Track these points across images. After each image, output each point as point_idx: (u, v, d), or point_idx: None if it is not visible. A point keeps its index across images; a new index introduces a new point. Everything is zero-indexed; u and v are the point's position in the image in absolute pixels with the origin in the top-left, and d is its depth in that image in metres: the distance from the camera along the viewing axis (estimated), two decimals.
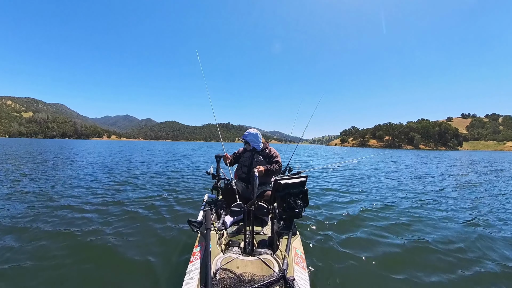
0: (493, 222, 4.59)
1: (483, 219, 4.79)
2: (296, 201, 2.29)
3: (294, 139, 6.99)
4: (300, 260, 2.02)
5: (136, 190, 6.50)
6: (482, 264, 3.04)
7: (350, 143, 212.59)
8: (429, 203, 5.97)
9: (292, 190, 2.33)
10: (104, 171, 10.04)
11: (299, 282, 1.69)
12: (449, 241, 3.71)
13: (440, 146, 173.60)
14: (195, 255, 2.00)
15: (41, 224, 3.88)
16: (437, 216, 4.90)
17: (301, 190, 2.37)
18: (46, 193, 5.87)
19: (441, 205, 5.84)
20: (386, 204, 5.73)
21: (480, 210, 5.43)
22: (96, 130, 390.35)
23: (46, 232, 3.57)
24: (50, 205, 4.92)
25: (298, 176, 2.42)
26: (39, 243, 3.23)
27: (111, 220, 4.14)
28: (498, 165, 19.43)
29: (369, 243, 3.58)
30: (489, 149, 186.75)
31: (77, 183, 7.23)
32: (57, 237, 3.43)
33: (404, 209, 5.37)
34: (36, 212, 4.43)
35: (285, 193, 2.31)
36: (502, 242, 3.69)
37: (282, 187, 2.30)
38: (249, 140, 3.62)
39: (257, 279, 1.58)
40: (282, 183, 2.28)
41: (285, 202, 2.31)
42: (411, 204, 5.80)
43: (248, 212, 2.21)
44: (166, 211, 4.71)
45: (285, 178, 2.34)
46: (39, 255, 2.93)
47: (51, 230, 3.66)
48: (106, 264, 2.80)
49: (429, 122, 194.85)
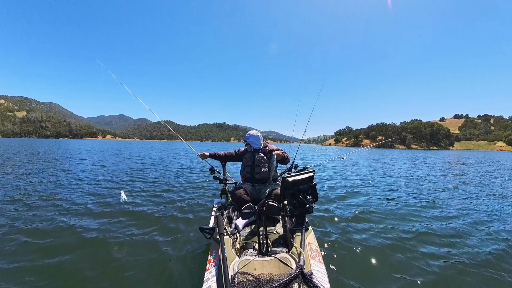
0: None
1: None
2: (305, 196, 2.34)
3: (290, 139, 7.02)
4: (316, 254, 2.05)
5: (137, 197, 6.04)
6: None
7: (344, 143, 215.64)
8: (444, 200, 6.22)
9: (300, 186, 2.37)
10: (107, 175, 9.60)
11: (317, 275, 1.72)
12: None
13: (432, 146, 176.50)
14: (210, 262, 1.99)
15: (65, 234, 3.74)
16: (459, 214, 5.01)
17: (310, 185, 2.42)
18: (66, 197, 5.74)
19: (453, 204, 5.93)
20: (395, 196, 6.15)
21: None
22: (91, 130, 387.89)
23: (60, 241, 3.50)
24: (58, 206, 5.01)
25: (305, 172, 2.48)
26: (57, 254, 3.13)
27: (116, 234, 3.83)
28: (478, 163, 20.79)
29: (380, 233, 3.77)
30: (480, 148, 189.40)
31: (80, 185, 7.09)
32: (77, 246, 3.34)
33: (409, 202, 5.72)
34: (70, 223, 4.15)
35: (294, 190, 2.35)
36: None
37: (290, 185, 2.33)
38: (251, 142, 3.66)
39: (276, 278, 1.58)
40: (290, 180, 2.31)
41: (295, 199, 2.34)
42: (414, 199, 6.12)
43: (259, 213, 2.22)
44: (176, 219, 4.49)
45: (292, 175, 2.39)
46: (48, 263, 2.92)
47: (68, 241, 3.54)
48: (118, 277, 2.70)
49: (421, 123, 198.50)
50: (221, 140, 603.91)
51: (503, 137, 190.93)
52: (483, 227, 4.28)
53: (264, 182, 3.48)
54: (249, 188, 3.29)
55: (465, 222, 4.49)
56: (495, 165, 20.18)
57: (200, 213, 4.87)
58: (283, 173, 4.41)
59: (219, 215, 2.50)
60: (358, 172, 10.93)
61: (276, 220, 2.84)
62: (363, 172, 11.09)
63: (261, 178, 3.48)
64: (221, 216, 2.50)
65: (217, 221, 2.34)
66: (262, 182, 3.49)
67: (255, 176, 3.50)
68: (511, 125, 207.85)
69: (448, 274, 2.79)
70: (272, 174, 3.49)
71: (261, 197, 3.17)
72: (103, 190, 6.62)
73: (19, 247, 3.27)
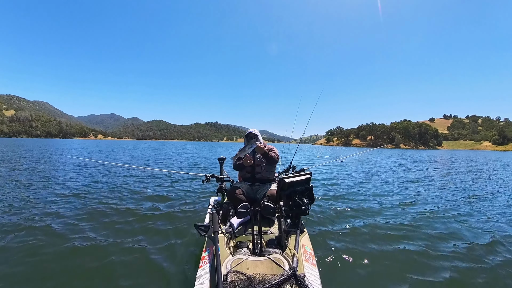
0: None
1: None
2: (302, 198, 2.32)
3: (283, 138, 7.69)
4: (309, 257, 2.04)
5: (137, 194, 6.23)
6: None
7: (335, 142, 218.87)
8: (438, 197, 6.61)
9: (297, 187, 2.36)
10: (103, 173, 9.71)
11: (310, 278, 1.71)
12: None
13: (420, 146, 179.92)
14: (204, 259, 2.00)
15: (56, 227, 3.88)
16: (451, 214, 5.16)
17: (306, 187, 2.41)
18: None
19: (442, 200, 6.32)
20: (390, 198, 6.25)
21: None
22: (82, 129, 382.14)
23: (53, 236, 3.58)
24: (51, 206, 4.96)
25: (302, 174, 2.48)
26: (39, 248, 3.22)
27: (112, 225, 4.06)
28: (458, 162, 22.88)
29: (375, 237, 3.77)
30: (467, 148, 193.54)
31: (74, 186, 7.05)
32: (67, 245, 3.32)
33: (405, 202, 5.90)
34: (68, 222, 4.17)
35: (291, 191, 2.34)
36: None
37: (287, 186, 2.32)
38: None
39: (268, 279, 1.57)
40: (287, 181, 2.31)
41: (291, 200, 2.32)
42: (408, 196, 6.45)
43: (255, 213, 2.24)
44: (171, 216, 4.60)
45: (289, 176, 2.39)
46: (38, 258, 2.97)
47: (60, 234, 3.66)
48: (113, 273, 2.74)
49: (410, 123, 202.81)
50: (214, 139, 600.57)
51: (489, 137, 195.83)
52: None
53: (263, 182, 3.47)
54: (246, 188, 3.25)
55: (460, 224, 4.52)
56: (468, 162, 22.23)
57: (195, 210, 5.00)
58: (280, 174, 4.41)
59: (215, 213, 2.53)
60: (354, 174, 11.07)
61: (271, 220, 2.80)
62: (359, 174, 11.23)
63: (261, 178, 3.48)
64: (217, 214, 2.52)
65: (212, 218, 2.37)
66: (261, 182, 3.47)
67: (255, 175, 3.48)
68: (497, 126, 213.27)
69: (445, 277, 2.79)
70: (271, 175, 3.54)
71: (257, 197, 3.15)
72: (101, 193, 6.46)
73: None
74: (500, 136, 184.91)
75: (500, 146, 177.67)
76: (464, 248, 3.53)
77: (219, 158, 4.44)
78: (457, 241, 3.77)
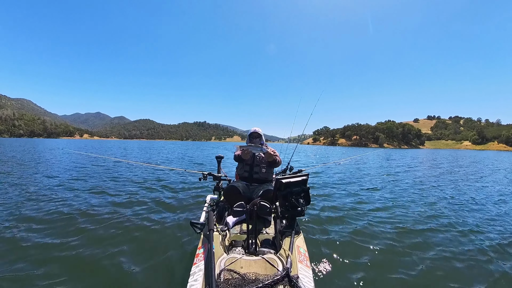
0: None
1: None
2: (298, 199, 2.31)
3: (271, 138, 7.50)
4: (303, 258, 2.04)
5: (134, 192, 6.26)
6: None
7: (321, 141, 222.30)
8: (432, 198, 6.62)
9: (294, 188, 2.35)
10: (100, 172, 9.66)
11: (303, 280, 1.71)
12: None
13: (403, 145, 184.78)
14: (198, 256, 2.01)
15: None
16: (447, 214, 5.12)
17: (303, 188, 2.39)
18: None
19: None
20: (388, 200, 6.21)
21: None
22: (67, 129, 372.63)
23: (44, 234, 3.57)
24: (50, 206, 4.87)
25: (299, 175, 2.47)
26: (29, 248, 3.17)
27: (110, 222, 4.08)
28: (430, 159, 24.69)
29: (371, 238, 3.74)
30: (448, 147, 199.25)
31: (69, 185, 6.93)
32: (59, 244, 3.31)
33: (402, 203, 5.87)
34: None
35: (287, 192, 2.32)
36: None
37: (284, 186, 2.31)
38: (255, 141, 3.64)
39: (261, 279, 1.57)
40: (284, 182, 2.30)
41: (287, 201, 2.31)
42: (408, 197, 6.45)
43: (251, 212, 2.25)
44: (167, 213, 4.64)
45: (286, 177, 2.37)
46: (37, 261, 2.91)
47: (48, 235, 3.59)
48: (106, 269, 2.76)
49: (394, 123, 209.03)
50: (202, 139, 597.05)
51: (469, 137, 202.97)
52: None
53: (261, 182, 3.44)
54: (243, 187, 3.20)
55: (456, 228, 4.40)
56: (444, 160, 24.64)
57: (191, 207, 5.01)
58: (277, 174, 4.45)
59: (210, 211, 2.54)
60: (349, 175, 10.97)
61: (267, 220, 2.77)
62: (355, 175, 11.11)
63: (259, 178, 3.45)
64: (212, 212, 2.54)
65: (208, 216, 2.38)
66: (259, 183, 3.44)
67: (253, 175, 3.46)
68: (478, 126, 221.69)
69: (441, 278, 2.80)
70: (270, 176, 3.54)
71: (253, 197, 3.08)
72: (96, 191, 6.46)
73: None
74: (479, 136, 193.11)
75: (479, 145, 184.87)
76: (464, 248, 3.53)
77: (217, 156, 4.41)
78: (456, 242, 3.75)
